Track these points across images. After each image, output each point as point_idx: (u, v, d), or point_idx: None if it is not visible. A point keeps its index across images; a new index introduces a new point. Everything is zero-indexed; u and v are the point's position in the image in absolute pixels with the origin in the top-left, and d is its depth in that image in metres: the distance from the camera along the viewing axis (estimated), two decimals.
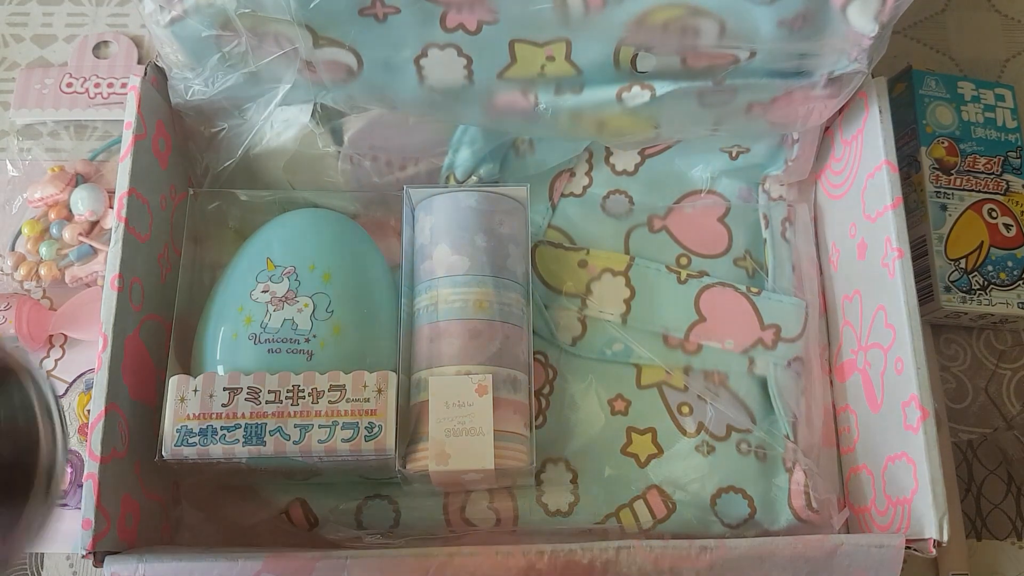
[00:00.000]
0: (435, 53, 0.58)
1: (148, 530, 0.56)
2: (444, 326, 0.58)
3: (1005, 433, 0.67)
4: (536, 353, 0.63)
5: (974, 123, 0.70)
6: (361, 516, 0.60)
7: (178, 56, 0.59)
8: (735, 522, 0.60)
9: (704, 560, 0.51)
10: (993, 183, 0.69)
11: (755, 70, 0.59)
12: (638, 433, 0.62)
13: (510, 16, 0.56)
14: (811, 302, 0.65)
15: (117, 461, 0.53)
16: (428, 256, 0.60)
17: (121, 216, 0.57)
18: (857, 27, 0.54)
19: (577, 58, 0.58)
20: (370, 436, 0.54)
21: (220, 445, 0.54)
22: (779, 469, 0.62)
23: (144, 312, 0.58)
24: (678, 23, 0.55)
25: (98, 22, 0.79)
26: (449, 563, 0.50)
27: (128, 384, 0.55)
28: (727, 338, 0.64)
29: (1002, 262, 0.67)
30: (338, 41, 0.57)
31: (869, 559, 0.51)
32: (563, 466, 0.62)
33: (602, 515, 0.60)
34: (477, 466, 0.55)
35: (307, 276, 0.59)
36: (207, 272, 0.64)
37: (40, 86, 0.75)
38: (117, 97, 0.74)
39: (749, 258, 0.67)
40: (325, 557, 0.51)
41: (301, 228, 0.62)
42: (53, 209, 0.70)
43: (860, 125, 0.62)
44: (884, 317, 0.58)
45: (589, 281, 0.65)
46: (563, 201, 0.68)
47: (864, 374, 0.60)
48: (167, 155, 0.62)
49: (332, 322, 0.58)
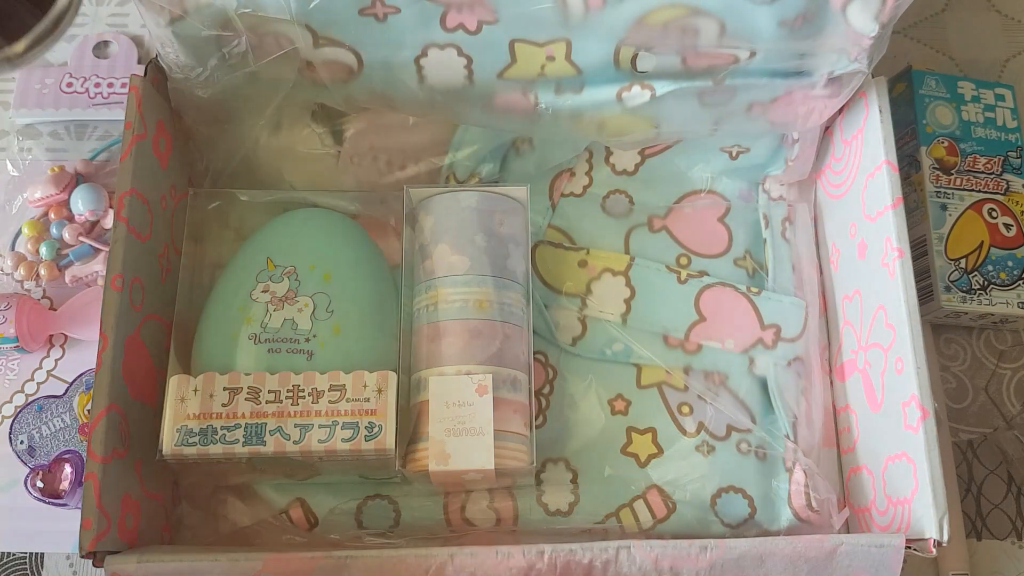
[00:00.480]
0: (435, 53, 0.58)
1: (148, 530, 0.56)
2: (444, 326, 0.58)
3: (1005, 433, 0.67)
4: (536, 353, 0.63)
5: (974, 123, 0.70)
6: (361, 516, 0.60)
7: (178, 56, 0.59)
8: (735, 522, 0.60)
9: (704, 560, 0.51)
10: (993, 183, 0.69)
11: (755, 70, 0.59)
12: (638, 433, 0.62)
13: (510, 16, 0.56)
14: (811, 302, 0.65)
15: (117, 461, 0.53)
16: (428, 256, 0.60)
17: (121, 216, 0.57)
18: (857, 27, 0.54)
19: (577, 58, 0.58)
20: (370, 436, 0.54)
21: (220, 445, 0.54)
22: (779, 469, 0.62)
23: (144, 312, 0.58)
24: (678, 23, 0.55)
25: (98, 22, 0.78)
26: (449, 563, 0.50)
27: (128, 384, 0.55)
28: (727, 338, 0.64)
29: (1002, 262, 0.67)
30: (338, 41, 0.57)
31: (869, 559, 0.51)
32: (563, 466, 0.62)
33: (602, 515, 0.60)
34: (477, 466, 0.55)
35: (307, 276, 0.59)
36: (207, 272, 0.64)
37: (40, 86, 0.75)
38: (117, 97, 0.74)
39: (749, 258, 0.67)
40: (325, 557, 0.51)
41: (301, 228, 0.62)
42: (53, 209, 0.70)
43: (860, 125, 0.62)
44: (884, 317, 0.58)
45: (589, 281, 0.65)
46: (563, 201, 0.68)
47: (864, 374, 0.60)
48: (167, 155, 0.62)
49: (332, 322, 0.58)
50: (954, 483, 0.65)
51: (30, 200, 0.70)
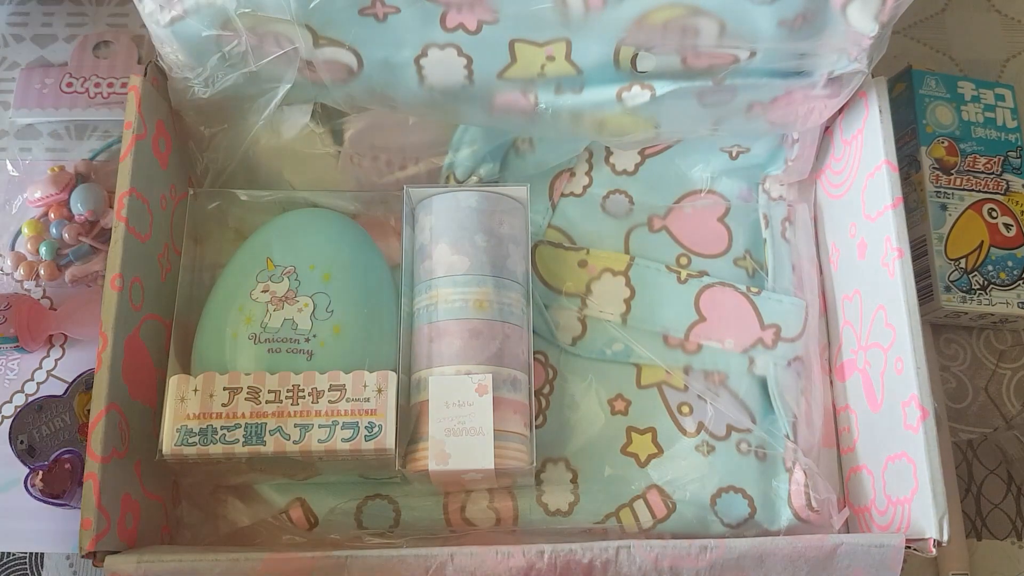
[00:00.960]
0: (435, 53, 0.58)
1: (148, 530, 0.56)
2: (444, 326, 0.58)
3: (1005, 433, 0.67)
4: (536, 353, 0.63)
5: (974, 123, 0.70)
6: (361, 516, 0.60)
7: (178, 56, 0.59)
8: (735, 522, 0.60)
9: (704, 560, 0.51)
10: (993, 183, 0.69)
11: (755, 70, 0.59)
12: (638, 433, 0.62)
13: (510, 16, 0.56)
14: (811, 302, 0.65)
15: (117, 461, 0.53)
16: (428, 256, 0.60)
17: (121, 216, 0.57)
18: (857, 27, 0.54)
19: (577, 58, 0.58)
20: (370, 436, 0.54)
21: (220, 445, 0.54)
22: (779, 469, 0.62)
23: (144, 312, 0.58)
24: (678, 23, 0.55)
25: (98, 22, 0.78)
26: (449, 563, 0.50)
27: (128, 384, 0.55)
28: (727, 338, 0.64)
29: (1002, 262, 0.67)
30: (338, 41, 0.57)
31: (869, 559, 0.51)
32: (563, 466, 0.62)
33: (602, 515, 0.60)
34: (477, 466, 0.55)
35: (307, 276, 0.59)
36: (207, 272, 0.64)
37: (40, 86, 0.75)
38: (117, 97, 0.74)
39: (749, 258, 0.67)
40: (325, 557, 0.51)
41: (301, 228, 0.62)
42: (53, 209, 0.70)
43: (860, 125, 0.62)
44: (884, 317, 0.58)
45: (589, 281, 0.65)
46: (563, 201, 0.68)
47: (864, 374, 0.60)
48: (167, 155, 0.62)
49: (332, 322, 0.58)
50: (954, 483, 0.65)
51: (30, 200, 0.70)
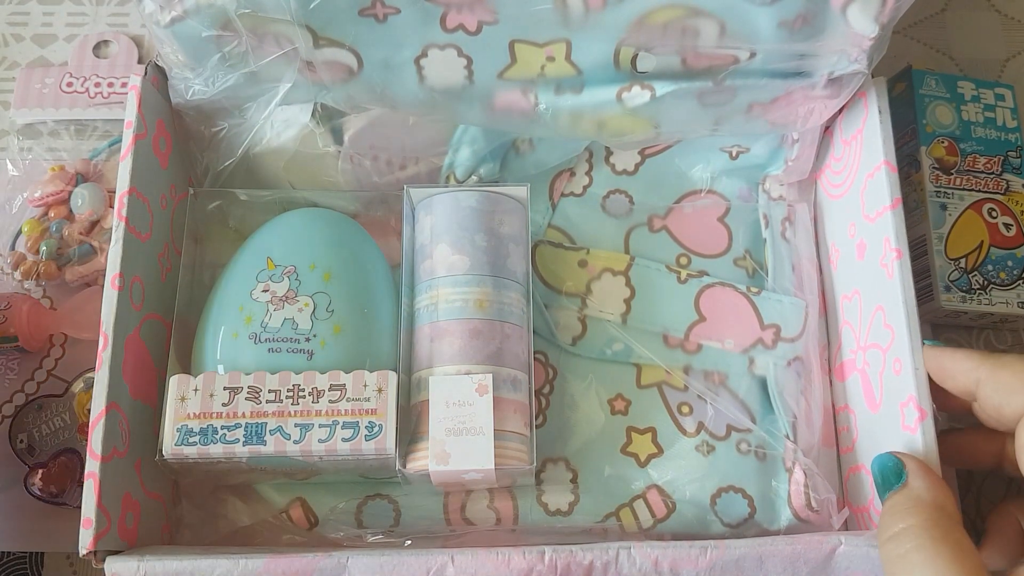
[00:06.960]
0: (435, 53, 0.58)
1: (148, 530, 0.56)
2: (444, 326, 0.58)
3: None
4: (536, 353, 0.63)
5: (974, 123, 0.70)
6: (361, 516, 0.60)
7: (178, 56, 0.59)
8: (735, 522, 0.61)
9: (704, 561, 0.51)
10: (993, 183, 0.69)
11: (755, 70, 0.59)
12: (638, 433, 0.62)
13: (510, 16, 0.56)
14: (811, 302, 0.65)
15: (117, 460, 0.53)
16: (428, 256, 0.61)
17: (121, 215, 0.57)
18: (857, 28, 0.54)
19: (577, 58, 0.58)
20: (370, 436, 0.54)
21: (220, 445, 0.54)
22: (779, 469, 0.62)
23: (144, 311, 0.58)
24: (678, 23, 0.55)
25: (98, 22, 0.79)
26: (449, 563, 0.51)
27: (128, 383, 0.55)
28: (727, 338, 0.64)
29: (1002, 262, 0.67)
30: (338, 41, 0.57)
31: (869, 559, 0.51)
32: (563, 466, 0.62)
33: (602, 515, 0.61)
34: (477, 466, 0.55)
35: (307, 275, 0.59)
36: (207, 271, 0.64)
37: (40, 86, 0.75)
38: (117, 97, 0.74)
39: (749, 258, 0.67)
40: (325, 557, 0.51)
41: (301, 228, 0.62)
42: (53, 208, 0.70)
43: (860, 125, 0.62)
44: (883, 317, 0.58)
45: (589, 281, 0.65)
46: (563, 201, 0.68)
47: (863, 374, 0.60)
48: (167, 154, 0.62)
49: (332, 321, 0.58)
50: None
51: (30, 200, 0.70)
